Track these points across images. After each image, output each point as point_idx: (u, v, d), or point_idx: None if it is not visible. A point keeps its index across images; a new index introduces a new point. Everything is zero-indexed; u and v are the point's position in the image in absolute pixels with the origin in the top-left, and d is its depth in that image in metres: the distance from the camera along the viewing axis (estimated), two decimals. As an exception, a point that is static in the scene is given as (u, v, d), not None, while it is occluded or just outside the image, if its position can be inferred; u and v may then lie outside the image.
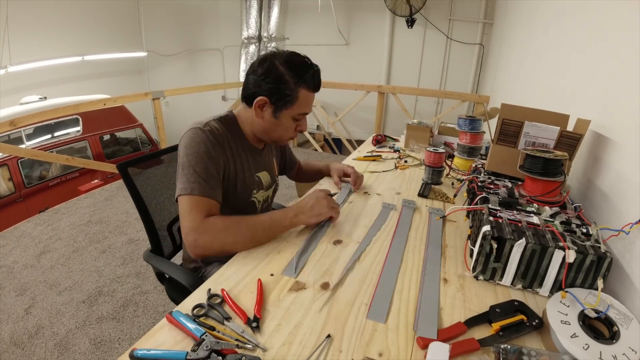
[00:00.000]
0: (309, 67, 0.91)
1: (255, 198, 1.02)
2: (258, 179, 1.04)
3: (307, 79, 0.90)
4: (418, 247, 0.92)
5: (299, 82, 0.89)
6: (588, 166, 1.05)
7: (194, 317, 0.65)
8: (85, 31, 5.61)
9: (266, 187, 1.08)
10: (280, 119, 0.93)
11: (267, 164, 1.09)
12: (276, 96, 0.90)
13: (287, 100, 0.90)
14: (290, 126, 0.96)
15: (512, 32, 2.87)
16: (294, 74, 0.89)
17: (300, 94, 0.91)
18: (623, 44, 0.93)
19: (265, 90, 0.89)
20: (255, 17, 5.37)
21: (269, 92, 0.90)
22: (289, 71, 0.89)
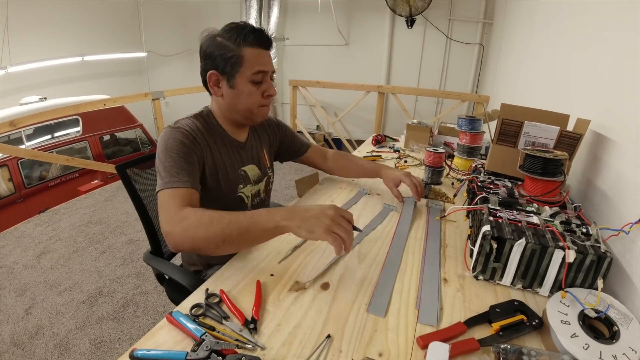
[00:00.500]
0: (244, 27, 0.89)
1: (242, 193, 0.99)
2: (244, 173, 1.01)
3: (247, 36, 0.87)
4: (418, 247, 0.92)
5: (238, 41, 0.87)
6: (588, 166, 1.05)
7: (193, 316, 0.65)
8: (85, 31, 5.61)
9: (255, 181, 1.04)
10: (237, 87, 0.90)
11: (254, 156, 1.06)
12: (222, 64, 0.88)
13: (234, 63, 0.87)
14: (252, 91, 0.91)
15: (512, 32, 2.87)
16: (231, 36, 0.87)
17: (244, 52, 0.87)
18: (623, 43, 0.93)
19: (211, 64, 0.89)
20: (255, 17, 5.37)
21: (214, 64, 0.89)
22: (226, 35, 0.88)
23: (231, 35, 0.87)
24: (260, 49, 0.90)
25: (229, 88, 0.91)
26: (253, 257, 0.86)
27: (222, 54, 0.87)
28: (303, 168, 4.53)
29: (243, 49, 0.87)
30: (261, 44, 0.90)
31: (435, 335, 0.61)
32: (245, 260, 0.85)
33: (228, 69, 0.88)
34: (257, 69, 0.89)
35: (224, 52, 0.87)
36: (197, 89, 4.90)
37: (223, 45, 0.87)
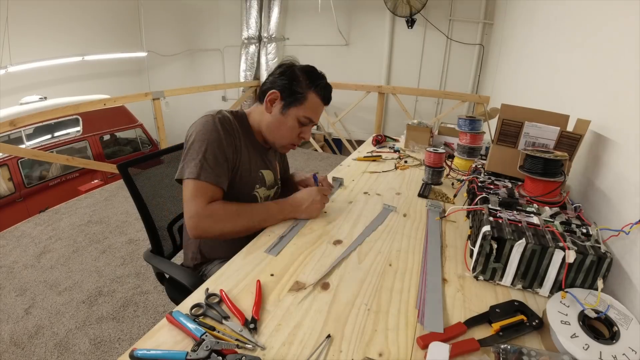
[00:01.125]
0: (322, 78, 1.01)
1: (257, 193, 1.06)
2: (262, 176, 1.07)
3: (319, 86, 0.99)
4: (418, 247, 0.93)
5: (310, 85, 0.98)
6: (588, 166, 1.05)
7: (193, 316, 0.65)
8: (86, 31, 5.62)
9: (269, 186, 1.11)
10: (286, 116, 1.00)
11: (272, 164, 1.14)
12: (287, 92, 0.98)
13: (297, 99, 0.98)
14: (294, 127, 1.02)
15: (512, 32, 2.87)
16: (308, 77, 0.98)
17: (309, 96, 0.99)
18: (623, 43, 0.93)
19: (279, 85, 0.98)
20: (255, 17, 5.37)
21: (281, 88, 0.98)
22: (303, 74, 0.99)
23: (309, 77, 0.99)
24: (322, 102, 1.02)
25: (280, 112, 1.00)
26: (253, 257, 0.86)
27: (293, 85, 0.98)
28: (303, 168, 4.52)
29: (310, 93, 0.99)
30: (325, 100, 1.02)
31: (435, 336, 0.61)
32: (245, 260, 0.85)
33: (289, 99, 0.99)
34: (310, 115, 1.01)
35: (295, 85, 0.98)
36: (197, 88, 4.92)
37: (298, 79, 0.98)
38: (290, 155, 1.37)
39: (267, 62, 5.47)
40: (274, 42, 5.38)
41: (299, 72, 0.98)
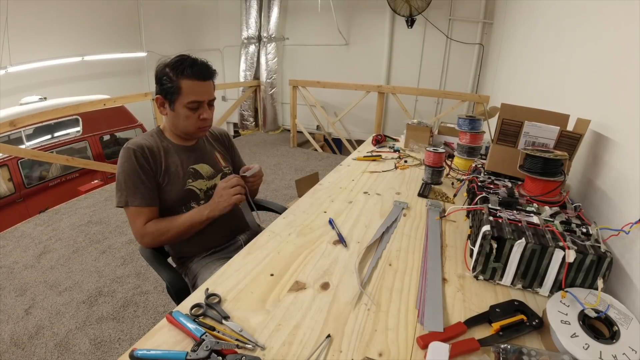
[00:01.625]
0: (184, 61, 1.04)
1: (192, 186, 1.14)
2: (193, 170, 1.16)
3: (185, 70, 1.03)
4: (418, 247, 0.92)
5: (178, 74, 1.03)
6: (588, 166, 1.05)
7: (193, 316, 0.65)
8: (85, 31, 5.61)
9: (208, 177, 1.19)
10: (176, 110, 1.08)
11: (205, 157, 1.21)
12: (164, 91, 1.06)
13: (173, 92, 1.05)
14: (189, 115, 1.08)
15: (512, 32, 2.87)
16: (173, 69, 1.04)
17: (182, 84, 1.04)
18: (623, 43, 0.93)
19: (158, 90, 1.07)
20: (255, 17, 5.37)
21: (159, 90, 1.07)
22: (170, 69, 1.04)
23: (174, 67, 1.04)
24: (197, 81, 1.06)
25: (170, 110, 1.09)
26: (253, 257, 0.86)
27: (165, 83, 1.05)
28: (303, 168, 4.53)
29: (181, 81, 1.04)
30: (198, 77, 1.05)
31: (435, 335, 0.61)
32: (245, 260, 0.85)
33: (169, 96, 1.06)
34: (192, 98, 1.06)
35: (166, 82, 1.05)
36: (197, 89, 4.87)
37: (167, 75, 1.04)
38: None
39: (267, 62, 5.47)
40: (274, 42, 5.37)
41: (167, 68, 1.04)
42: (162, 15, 6.28)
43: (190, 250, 1.19)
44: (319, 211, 1.12)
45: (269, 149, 4.85)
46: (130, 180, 1.03)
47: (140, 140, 1.09)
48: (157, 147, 1.11)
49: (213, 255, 1.19)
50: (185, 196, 1.12)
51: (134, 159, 1.04)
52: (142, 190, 1.04)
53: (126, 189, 1.03)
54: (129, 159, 1.04)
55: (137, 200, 1.03)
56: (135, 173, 1.03)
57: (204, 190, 1.17)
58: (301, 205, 1.17)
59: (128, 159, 1.04)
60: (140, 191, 1.04)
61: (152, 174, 1.07)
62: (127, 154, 1.05)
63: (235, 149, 1.40)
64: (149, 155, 1.07)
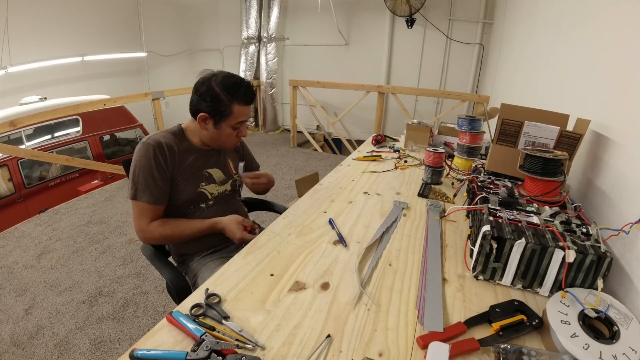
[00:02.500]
0: (239, 86, 1.08)
1: (204, 189, 1.16)
2: (207, 174, 1.18)
3: (239, 96, 1.07)
4: (418, 247, 0.92)
5: (232, 99, 1.07)
6: (588, 166, 1.05)
7: (193, 316, 0.65)
8: (85, 31, 5.61)
9: (220, 182, 1.21)
10: (221, 130, 1.11)
11: (219, 162, 1.23)
12: (214, 112, 1.07)
13: (224, 115, 1.08)
14: (230, 134, 1.13)
15: (512, 32, 2.87)
16: (227, 93, 1.06)
17: (234, 108, 1.08)
18: (623, 43, 0.93)
19: (205, 107, 1.07)
20: (255, 17, 5.37)
21: (208, 109, 1.07)
22: (223, 90, 1.06)
23: (227, 90, 1.06)
24: (247, 105, 1.11)
25: (213, 128, 1.11)
26: (253, 257, 0.86)
27: (216, 105, 1.06)
28: (303, 168, 4.53)
29: (234, 106, 1.07)
30: (249, 102, 1.11)
31: (435, 335, 0.61)
32: (245, 260, 0.85)
33: (218, 117, 1.08)
34: (240, 120, 1.11)
35: (218, 104, 1.06)
36: (197, 89, 4.87)
37: (218, 98, 1.06)
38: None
39: (267, 62, 5.47)
40: (274, 42, 5.37)
41: (218, 88, 1.05)
42: (162, 15, 6.28)
43: (190, 249, 1.19)
44: (319, 211, 1.12)
45: (269, 149, 4.85)
46: (142, 176, 1.04)
47: (159, 138, 1.09)
48: (176, 146, 1.11)
49: (214, 254, 1.19)
50: (196, 198, 1.14)
51: (151, 155, 1.05)
52: (152, 188, 1.05)
53: (137, 184, 1.05)
54: (146, 154, 1.05)
55: (146, 197, 1.05)
56: (149, 170, 1.04)
57: (215, 195, 1.19)
58: (301, 205, 1.17)
59: (145, 155, 1.05)
60: (150, 188, 1.05)
61: (167, 172, 1.08)
62: (144, 149, 1.05)
63: (248, 152, 1.42)
64: (167, 153, 1.08)
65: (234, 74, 1.10)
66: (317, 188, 1.33)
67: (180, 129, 1.17)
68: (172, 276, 1.04)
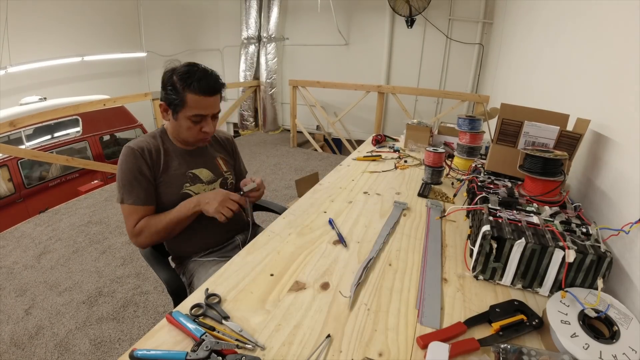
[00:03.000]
0: (194, 74, 1.03)
1: (189, 190, 1.14)
2: (192, 175, 1.16)
3: (192, 84, 1.02)
4: (418, 247, 0.92)
5: (185, 87, 1.02)
6: (588, 166, 1.05)
7: (193, 316, 0.65)
8: (85, 31, 5.61)
9: (207, 181, 1.19)
10: (179, 121, 1.08)
11: (207, 162, 1.21)
12: (169, 101, 1.05)
13: (177, 104, 1.04)
14: (190, 126, 1.08)
15: (512, 32, 2.87)
16: (180, 79, 1.02)
17: (188, 98, 1.03)
18: (623, 43, 0.93)
19: (164, 97, 1.06)
20: (255, 17, 5.37)
21: (165, 98, 1.06)
22: (178, 79, 1.03)
23: (182, 80, 1.02)
24: (204, 96, 1.05)
25: (173, 119, 1.09)
26: (253, 257, 0.86)
27: (171, 93, 1.04)
28: (303, 168, 4.52)
29: (187, 94, 1.03)
30: (205, 92, 1.04)
31: (435, 335, 0.61)
32: (245, 260, 0.85)
33: (172, 106, 1.06)
34: (195, 112, 1.06)
35: (171, 93, 1.04)
36: (197, 89, 4.88)
37: (174, 86, 1.03)
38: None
39: (267, 62, 5.47)
40: (274, 42, 5.37)
41: (176, 76, 1.03)
42: (162, 15, 6.28)
43: (188, 250, 1.19)
44: (319, 211, 1.12)
45: (269, 149, 4.85)
46: (126, 179, 1.05)
47: (141, 141, 1.10)
48: (157, 149, 1.11)
49: (211, 254, 1.19)
50: (181, 199, 1.12)
51: (132, 159, 1.05)
52: (137, 190, 1.06)
53: (123, 187, 1.05)
54: (128, 158, 1.06)
55: (132, 199, 1.05)
56: (132, 172, 1.05)
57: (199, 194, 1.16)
58: (301, 205, 1.17)
59: (127, 159, 1.06)
60: (135, 191, 1.05)
61: (150, 175, 1.08)
62: (127, 153, 1.06)
63: (238, 155, 1.40)
64: (147, 156, 1.08)
65: (196, 64, 1.06)
66: (317, 188, 1.33)
67: (163, 130, 1.17)
68: (168, 277, 1.04)
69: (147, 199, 1.08)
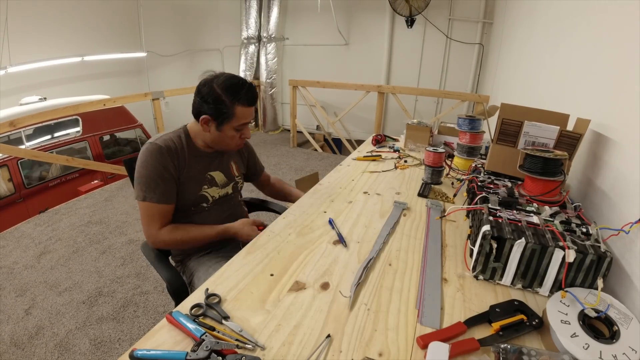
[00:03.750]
0: (241, 87, 1.07)
1: (206, 192, 1.17)
2: (210, 177, 1.18)
3: (241, 98, 1.06)
4: (418, 247, 0.92)
5: (234, 101, 1.06)
6: (588, 165, 1.05)
7: (193, 316, 0.65)
8: (85, 31, 5.61)
9: (221, 185, 1.21)
10: (223, 132, 1.10)
11: (222, 165, 1.23)
12: (216, 114, 1.07)
13: (226, 117, 1.07)
14: (233, 135, 1.13)
15: (512, 31, 2.87)
16: (229, 94, 1.05)
17: (236, 110, 1.07)
18: (623, 43, 0.93)
19: (207, 109, 1.07)
20: (255, 17, 5.37)
21: (210, 112, 1.07)
22: (224, 91, 1.05)
23: (229, 92, 1.05)
24: (250, 107, 1.10)
25: (216, 130, 1.10)
26: (253, 257, 0.86)
27: (218, 107, 1.06)
28: (303, 168, 4.52)
29: (236, 107, 1.06)
30: (251, 103, 1.10)
31: (435, 335, 0.61)
32: (245, 260, 0.85)
33: (220, 119, 1.08)
34: (242, 122, 1.10)
35: (220, 106, 1.05)
36: (197, 89, 4.91)
37: (220, 100, 1.05)
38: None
39: (267, 62, 5.47)
40: (274, 42, 5.37)
41: (220, 90, 1.04)
42: (162, 15, 6.27)
43: (189, 249, 1.20)
44: (319, 211, 1.12)
45: (269, 149, 4.85)
46: (151, 177, 1.04)
47: (167, 140, 1.09)
48: (182, 148, 1.12)
49: (211, 254, 1.20)
50: (197, 200, 1.15)
51: (158, 156, 1.05)
52: (162, 188, 1.05)
53: (146, 184, 1.04)
54: (154, 155, 1.05)
55: (156, 197, 1.04)
56: (157, 170, 1.04)
57: (215, 198, 1.19)
58: (301, 205, 1.17)
59: (152, 156, 1.05)
60: (160, 189, 1.05)
61: (174, 173, 1.08)
62: (153, 149, 1.05)
63: (253, 155, 1.42)
64: (174, 156, 1.08)
65: (236, 75, 1.10)
66: (317, 188, 1.33)
67: (186, 131, 1.17)
68: (170, 276, 1.04)
69: (170, 198, 1.08)
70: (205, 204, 1.17)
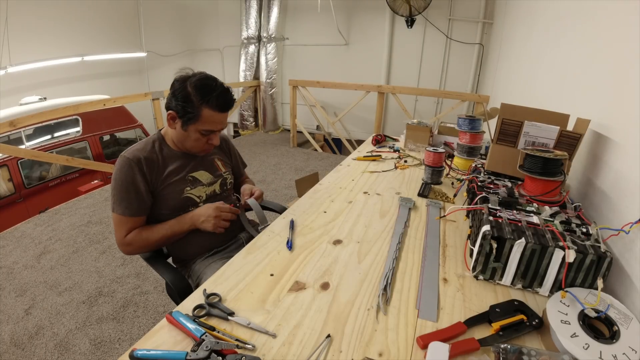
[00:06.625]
0: (212, 90, 1.03)
1: (191, 194, 1.14)
2: (192, 178, 1.15)
3: (210, 100, 1.02)
4: (418, 247, 0.92)
5: (201, 102, 1.02)
6: (588, 166, 1.05)
7: (195, 317, 0.65)
8: (85, 31, 5.61)
9: (207, 183, 1.19)
10: (188, 132, 1.07)
11: (205, 164, 1.20)
12: (182, 112, 1.04)
13: (191, 117, 1.04)
14: (198, 139, 1.09)
15: (512, 32, 2.87)
16: (199, 95, 1.02)
17: (203, 112, 1.03)
18: (623, 43, 0.93)
19: (175, 106, 1.04)
20: (255, 17, 5.37)
21: (177, 108, 1.04)
22: (195, 90, 1.02)
23: (200, 93, 1.02)
24: (219, 112, 1.06)
25: (181, 129, 1.07)
26: (253, 257, 0.86)
27: (185, 106, 1.02)
28: (303, 168, 4.52)
29: (203, 109, 1.03)
30: (221, 109, 1.06)
31: (435, 335, 0.61)
32: (245, 260, 0.85)
33: (185, 118, 1.05)
34: (208, 127, 1.07)
35: (187, 105, 1.02)
36: (197, 89, 4.90)
37: (189, 98, 1.02)
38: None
39: (267, 62, 5.47)
40: (274, 42, 5.37)
41: (191, 88, 1.01)
42: (162, 15, 6.28)
43: (191, 252, 1.18)
44: (319, 211, 1.12)
45: (269, 149, 4.85)
46: (118, 189, 1.04)
47: (137, 150, 1.08)
48: (156, 156, 1.10)
49: (215, 255, 1.19)
50: (183, 204, 1.12)
51: (126, 169, 1.04)
52: (129, 201, 1.04)
53: (114, 196, 1.04)
54: (122, 168, 1.04)
55: (121, 209, 1.04)
56: (124, 183, 1.03)
57: (203, 197, 1.17)
58: (301, 205, 1.17)
59: (121, 169, 1.04)
60: (126, 201, 1.04)
61: (145, 185, 1.06)
62: (121, 163, 1.04)
63: (234, 152, 1.38)
64: (144, 166, 1.06)
65: (212, 77, 1.06)
66: (317, 188, 1.33)
67: (160, 135, 1.15)
68: (173, 277, 1.03)
69: (138, 210, 1.06)
70: (193, 206, 1.14)
